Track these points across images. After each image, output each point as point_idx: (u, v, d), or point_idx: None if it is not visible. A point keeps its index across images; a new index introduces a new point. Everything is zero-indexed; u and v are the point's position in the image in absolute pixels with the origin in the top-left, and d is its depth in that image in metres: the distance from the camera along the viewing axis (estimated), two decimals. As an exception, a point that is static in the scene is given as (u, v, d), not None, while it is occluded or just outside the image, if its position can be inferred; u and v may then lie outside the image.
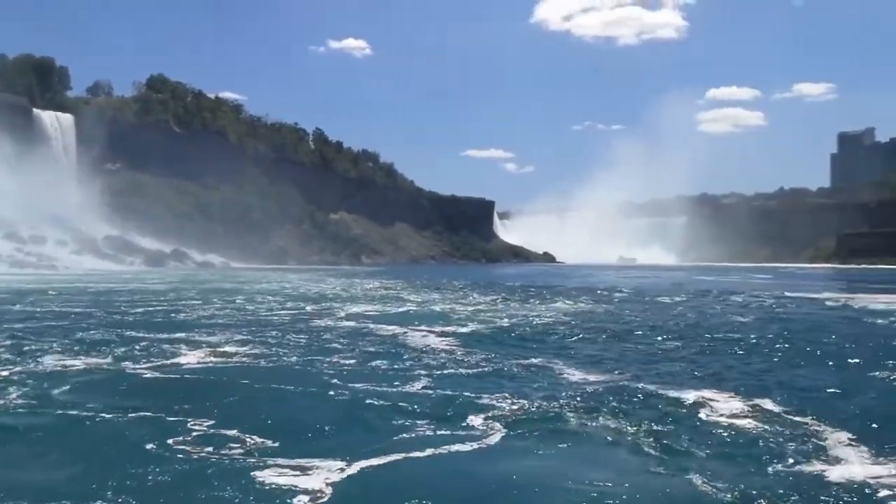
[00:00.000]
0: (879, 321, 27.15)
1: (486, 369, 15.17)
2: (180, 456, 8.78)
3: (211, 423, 10.20)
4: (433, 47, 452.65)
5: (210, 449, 8.99)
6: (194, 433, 9.69)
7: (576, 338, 21.23)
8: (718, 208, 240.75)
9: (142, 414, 10.70)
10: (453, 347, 18.47)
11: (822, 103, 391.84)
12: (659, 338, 21.27)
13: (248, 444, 9.28)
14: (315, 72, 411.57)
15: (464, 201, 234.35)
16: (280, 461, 8.59)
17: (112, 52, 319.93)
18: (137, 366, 15.49)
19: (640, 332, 22.67)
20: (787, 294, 46.01)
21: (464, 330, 23.38)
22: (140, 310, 31.40)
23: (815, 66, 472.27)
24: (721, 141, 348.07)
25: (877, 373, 15.18)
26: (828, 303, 37.84)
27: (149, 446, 9.04)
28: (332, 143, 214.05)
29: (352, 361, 16.39)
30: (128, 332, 21.88)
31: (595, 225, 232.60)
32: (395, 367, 15.46)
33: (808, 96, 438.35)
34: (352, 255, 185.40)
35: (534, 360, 16.37)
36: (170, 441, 9.25)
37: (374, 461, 8.59)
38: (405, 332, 22.32)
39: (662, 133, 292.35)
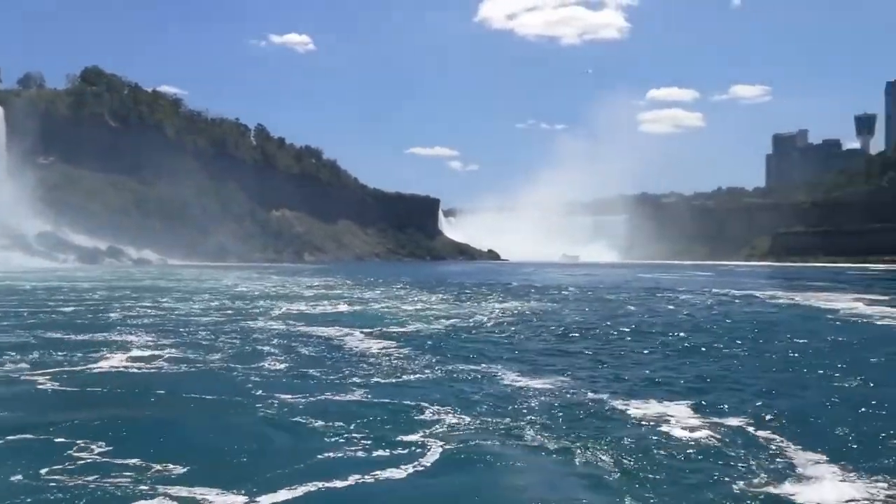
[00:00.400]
0: (828, 319, 26.81)
1: (428, 377, 13.97)
2: (52, 486, 7.39)
3: (105, 445, 8.77)
4: (377, 44, 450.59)
5: (93, 478, 7.61)
6: (80, 460, 8.25)
7: (523, 340, 20.21)
8: (659, 207, 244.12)
9: (23, 436, 9.18)
10: (393, 352, 17.24)
11: (757, 105, 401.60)
12: (609, 340, 20.38)
13: (141, 470, 7.91)
14: (257, 67, 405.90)
15: (409, 199, 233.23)
16: (173, 492, 7.27)
17: (45, 43, 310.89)
18: (41, 373, 13.89)
19: (589, 334, 21.78)
20: (733, 292, 45.83)
21: (406, 332, 22.19)
22: (68, 309, 29.57)
23: (751, 69, 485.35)
24: (661, 141, 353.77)
25: (838, 378, 14.46)
26: (774, 301, 37.53)
27: (16, 477, 7.60)
28: (274, 139, 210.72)
29: (282, 368, 15.05)
30: (47, 334, 20.31)
31: (539, 223, 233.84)
32: (329, 375, 14.16)
33: (744, 98, 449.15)
34: (294, 253, 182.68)
35: (479, 366, 15.24)
36: (44, 470, 7.80)
37: (285, 493, 7.30)
38: (344, 335, 21.03)
39: (605, 133, 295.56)
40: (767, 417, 10.67)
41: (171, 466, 7.99)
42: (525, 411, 10.86)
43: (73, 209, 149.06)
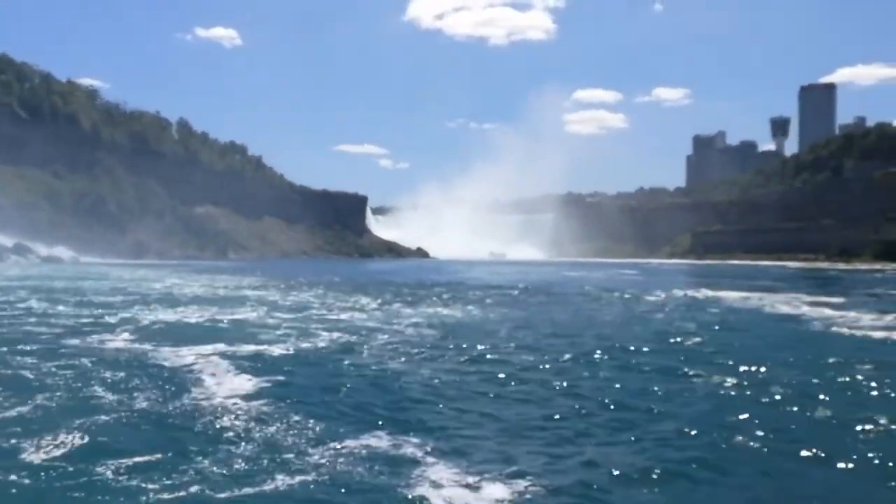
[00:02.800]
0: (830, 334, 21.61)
1: (296, 483, 7.63)
2: None
3: None
4: (305, 40, 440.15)
5: None
6: None
7: (453, 381, 14.10)
8: (584, 206, 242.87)
9: None
10: (257, 408, 10.87)
11: (679, 107, 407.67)
12: (581, 383, 14.49)
13: None
14: (182, 60, 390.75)
15: (336, 196, 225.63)
16: None
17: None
18: None
19: (546, 366, 15.81)
20: (690, 293, 40.63)
21: (293, 359, 15.97)
22: None
23: (673, 72, 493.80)
24: (586, 141, 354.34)
25: None
26: (738, 304, 32.08)
27: None
28: (197, 133, 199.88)
29: (52, 454, 8.65)
30: None
31: (467, 221, 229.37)
32: (117, 481, 7.77)
33: (666, 100, 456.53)
34: (217, 250, 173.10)
35: (380, 444, 9.01)
36: None
37: None
38: (210, 365, 14.77)
39: (532, 132, 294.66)
40: None
41: None
42: None
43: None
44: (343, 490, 7.16)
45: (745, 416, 10.32)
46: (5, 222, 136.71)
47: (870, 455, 8.43)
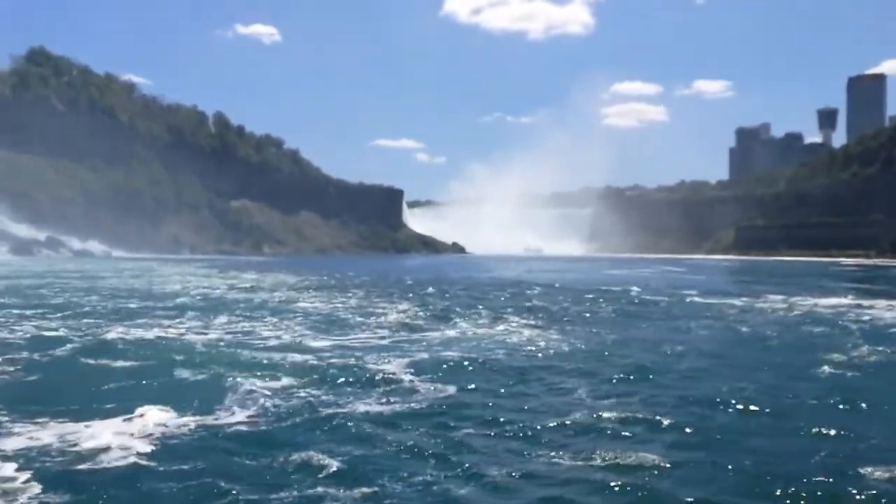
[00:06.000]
0: None
1: None
2: None
3: None
4: (343, 36, 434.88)
5: None
6: None
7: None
8: (623, 200, 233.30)
9: None
10: None
11: (720, 100, 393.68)
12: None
13: None
14: (223, 57, 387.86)
15: (372, 190, 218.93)
16: None
17: None
18: None
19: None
20: (802, 303, 31.90)
21: (207, 438, 8.63)
22: None
23: (713, 64, 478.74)
24: (625, 134, 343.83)
25: None
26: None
27: None
28: (233, 126, 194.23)
29: None
30: None
31: (504, 215, 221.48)
32: None
33: (707, 93, 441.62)
34: (253, 245, 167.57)
35: None
36: None
37: None
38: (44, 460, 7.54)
39: (570, 126, 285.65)
40: None
41: None
42: None
43: (14, 196, 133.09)
44: None
45: None
46: (39, 216, 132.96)
47: None
